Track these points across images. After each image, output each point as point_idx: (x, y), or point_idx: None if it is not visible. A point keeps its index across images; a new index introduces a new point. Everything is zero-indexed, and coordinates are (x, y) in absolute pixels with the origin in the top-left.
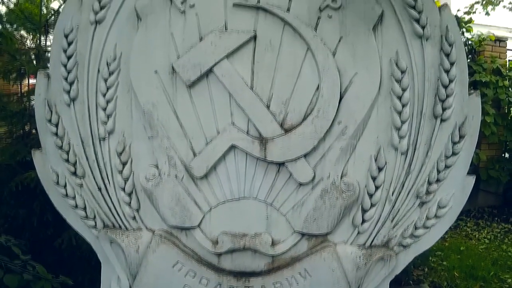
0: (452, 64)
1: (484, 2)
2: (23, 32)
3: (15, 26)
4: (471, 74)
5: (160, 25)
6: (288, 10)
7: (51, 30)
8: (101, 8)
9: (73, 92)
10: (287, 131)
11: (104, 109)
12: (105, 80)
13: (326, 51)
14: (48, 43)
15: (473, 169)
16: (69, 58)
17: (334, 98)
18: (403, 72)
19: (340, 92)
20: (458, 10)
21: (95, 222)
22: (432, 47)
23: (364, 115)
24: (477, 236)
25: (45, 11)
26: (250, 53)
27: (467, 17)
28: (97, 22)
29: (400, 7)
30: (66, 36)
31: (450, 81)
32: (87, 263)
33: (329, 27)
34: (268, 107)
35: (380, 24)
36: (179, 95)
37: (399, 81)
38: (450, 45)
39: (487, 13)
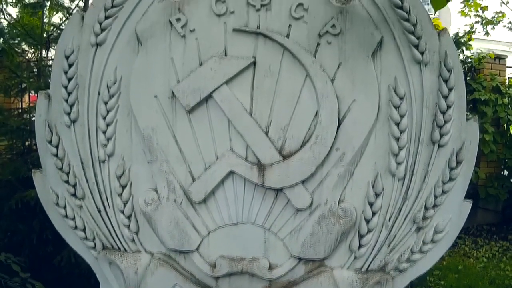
0: (450, 89)
1: (484, 21)
2: (24, 46)
3: (17, 40)
4: (470, 92)
5: (160, 49)
6: (288, 35)
7: (53, 45)
8: (102, 30)
9: (73, 114)
10: (285, 157)
11: (104, 132)
12: (105, 103)
13: (325, 77)
14: (50, 54)
15: (472, 187)
16: (69, 80)
17: (332, 125)
18: (401, 98)
19: (339, 119)
20: (459, 29)
21: (95, 243)
22: (431, 72)
23: (362, 141)
24: (475, 254)
25: (46, 21)
26: (250, 79)
27: (467, 36)
28: (98, 45)
29: (399, 33)
30: (67, 58)
31: (448, 107)
32: (87, 281)
33: (328, 53)
34: (266, 133)
35: (379, 50)
36: (178, 119)
37: (397, 108)
38: (449, 70)
39: (487, 33)
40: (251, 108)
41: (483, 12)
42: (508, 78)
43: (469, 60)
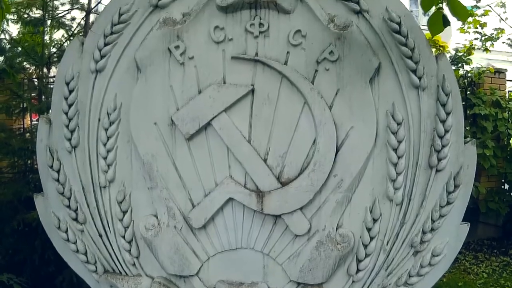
0: (448, 114)
1: (483, 38)
2: (26, 64)
3: (18, 60)
4: (470, 107)
5: (159, 77)
6: (286, 63)
7: (54, 64)
8: (102, 56)
9: (74, 140)
10: (284, 184)
11: (105, 158)
12: (106, 130)
13: (323, 104)
14: (52, 71)
15: (473, 202)
16: (70, 106)
17: (331, 152)
18: (399, 124)
19: (337, 145)
20: (458, 44)
21: (96, 267)
22: (429, 97)
23: (360, 167)
24: (475, 270)
25: (47, 38)
26: (248, 107)
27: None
28: (98, 71)
29: (397, 58)
30: (67, 84)
31: (446, 131)
32: None
33: (326, 79)
34: (265, 160)
35: (377, 76)
36: (178, 147)
37: (395, 133)
38: (447, 94)
39: (486, 50)
40: (249, 135)
41: (482, 28)
42: (508, 91)
43: (469, 74)
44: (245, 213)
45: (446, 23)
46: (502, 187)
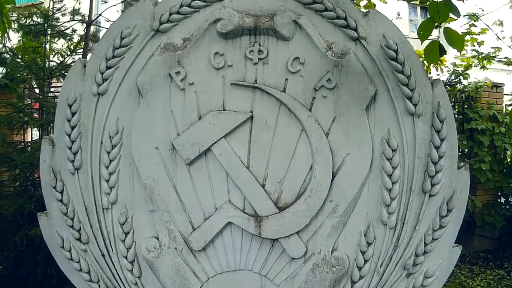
0: (442, 140)
1: (480, 56)
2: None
3: (19, 73)
4: (467, 121)
5: (160, 101)
6: (284, 90)
7: (55, 78)
8: (104, 80)
9: (77, 162)
10: (281, 209)
11: (107, 181)
12: (108, 153)
13: (320, 131)
14: (53, 83)
15: (469, 215)
16: (73, 128)
17: (327, 178)
18: (394, 150)
19: (333, 172)
20: (456, 57)
21: (99, 286)
22: (424, 123)
23: (355, 193)
24: (470, 283)
25: (47, 47)
26: (247, 133)
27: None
28: (100, 94)
29: (393, 85)
30: (70, 106)
31: (440, 157)
32: None
33: (323, 107)
34: (263, 186)
35: (373, 103)
36: (178, 171)
37: (390, 160)
38: (441, 121)
39: (483, 67)
40: (248, 161)
41: (479, 46)
42: (505, 105)
43: (466, 89)
44: (244, 236)
45: (442, 52)
46: (498, 200)
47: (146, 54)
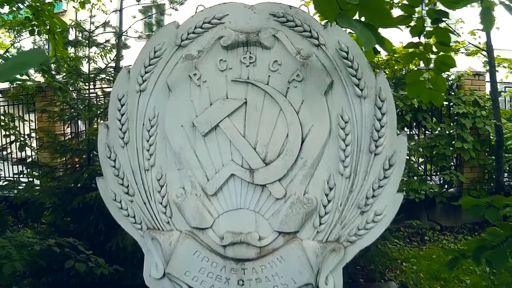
0: (383, 114)
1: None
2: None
3: (70, 80)
4: (452, 106)
5: (184, 94)
6: (268, 83)
7: (97, 82)
8: (143, 81)
9: (126, 139)
10: (267, 164)
11: (148, 150)
12: (148, 131)
13: (292, 110)
14: (97, 86)
15: (458, 190)
16: (122, 115)
17: (298, 142)
18: (346, 122)
19: (302, 138)
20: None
21: (141, 226)
22: (369, 103)
23: (319, 152)
24: (451, 247)
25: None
26: (243, 113)
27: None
28: (141, 91)
29: (345, 76)
30: (120, 100)
31: (382, 126)
32: (130, 262)
33: (295, 93)
34: (255, 149)
35: (331, 90)
36: (197, 141)
37: (343, 129)
38: (382, 101)
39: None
40: (244, 132)
41: None
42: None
43: (450, 78)
44: (242, 184)
45: (376, 52)
46: (484, 177)
47: (173, 62)
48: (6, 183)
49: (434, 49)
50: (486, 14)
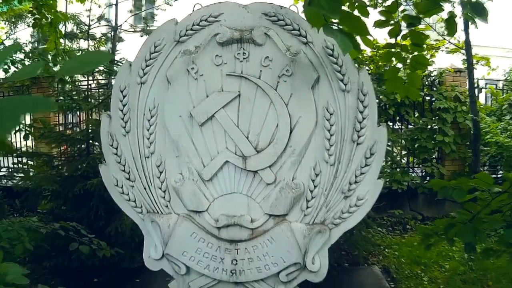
0: (365, 107)
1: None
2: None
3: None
4: (433, 102)
5: (182, 87)
6: (260, 77)
7: (96, 75)
8: (144, 74)
9: (127, 128)
10: (258, 152)
11: (148, 138)
12: (148, 120)
13: (282, 103)
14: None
15: None
16: (124, 105)
17: (287, 132)
18: (331, 114)
19: (291, 128)
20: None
21: (142, 210)
22: (352, 96)
23: (306, 141)
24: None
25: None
26: (236, 105)
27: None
28: (142, 83)
29: (331, 72)
30: (121, 91)
31: (364, 118)
32: (128, 246)
33: (284, 87)
34: (247, 137)
35: (317, 84)
36: (194, 130)
37: (328, 120)
38: (364, 95)
39: (432, 56)
40: (237, 122)
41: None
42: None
43: (432, 74)
44: (236, 170)
45: (358, 49)
46: (464, 170)
47: (172, 56)
48: (5, 173)
49: (410, 50)
50: (450, 22)
